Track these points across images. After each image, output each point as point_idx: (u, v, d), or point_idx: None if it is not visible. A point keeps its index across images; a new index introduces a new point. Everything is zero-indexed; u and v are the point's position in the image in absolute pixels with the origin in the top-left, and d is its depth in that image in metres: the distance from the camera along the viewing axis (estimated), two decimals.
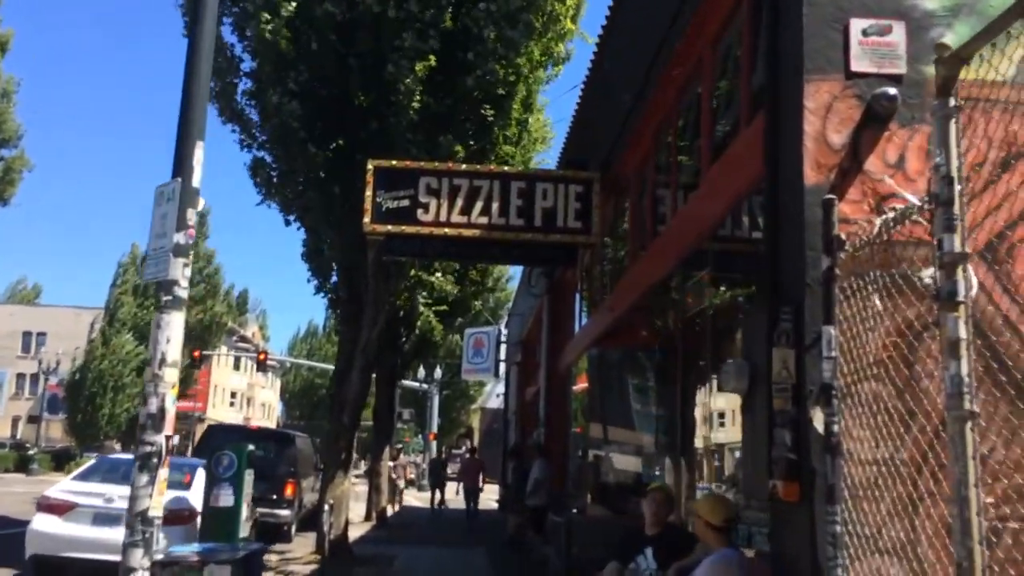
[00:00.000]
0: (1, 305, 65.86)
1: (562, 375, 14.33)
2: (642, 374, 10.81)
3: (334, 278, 14.93)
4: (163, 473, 4.98)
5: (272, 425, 54.83)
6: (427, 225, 9.32)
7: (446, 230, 9.35)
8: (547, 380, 14.68)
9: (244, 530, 7.81)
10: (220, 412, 61.64)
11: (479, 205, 9.38)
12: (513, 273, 49.45)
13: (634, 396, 11.19)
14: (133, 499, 4.90)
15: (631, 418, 11.07)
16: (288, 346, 77.53)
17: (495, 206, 9.39)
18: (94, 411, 46.45)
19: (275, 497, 15.47)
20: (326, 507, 11.02)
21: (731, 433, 6.61)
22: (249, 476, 7.92)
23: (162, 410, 5.06)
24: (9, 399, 60.66)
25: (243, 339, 67.07)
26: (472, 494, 20.21)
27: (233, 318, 64.40)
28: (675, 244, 7.42)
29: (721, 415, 7.08)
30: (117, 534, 9.65)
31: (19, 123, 26.00)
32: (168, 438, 5.04)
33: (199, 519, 9.40)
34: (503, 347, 26.68)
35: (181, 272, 5.21)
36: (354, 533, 16.91)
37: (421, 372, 43.22)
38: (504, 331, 27.70)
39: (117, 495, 9.45)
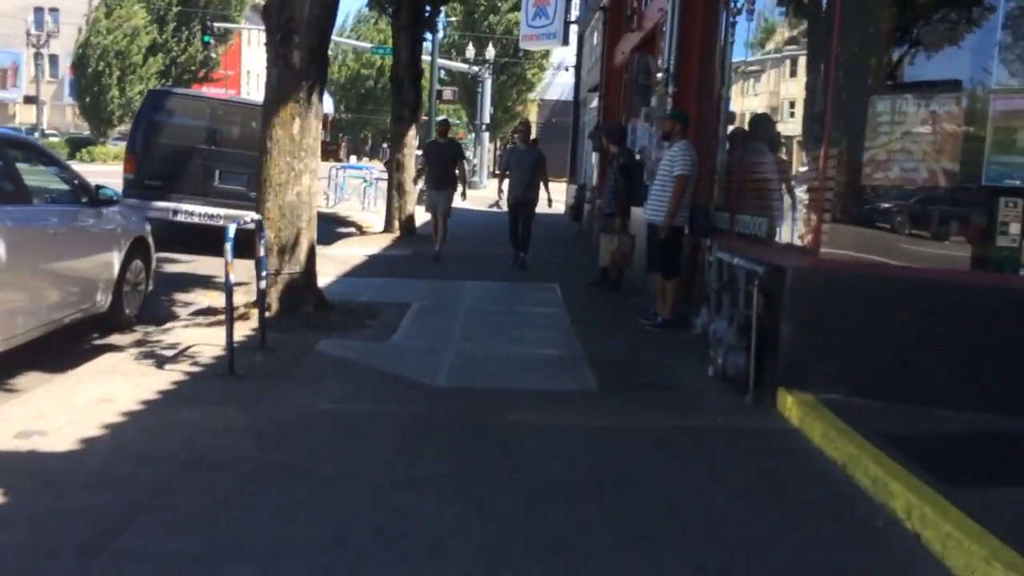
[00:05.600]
0: None
1: None
2: None
3: None
4: None
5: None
6: None
7: None
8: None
9: None
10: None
11: None
12: None
13: None
14: None
15: None
16: (335, 34, 70.12)
17: None
18: (101, 93, 40.76)
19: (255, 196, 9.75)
20: (230, 226, 5.08)
21: None
22: None
23: None
24: (30, 81, 55.52)
25: None
26: (524, 207, 10.70)
27: None
28: None
29: None
30: None
31: None
32: None
33: None
34: (575, 5, 20.39)
35: None
36: (364, 251, 11.43)
37: (471, 51, 36.58)
38: None
39: None
